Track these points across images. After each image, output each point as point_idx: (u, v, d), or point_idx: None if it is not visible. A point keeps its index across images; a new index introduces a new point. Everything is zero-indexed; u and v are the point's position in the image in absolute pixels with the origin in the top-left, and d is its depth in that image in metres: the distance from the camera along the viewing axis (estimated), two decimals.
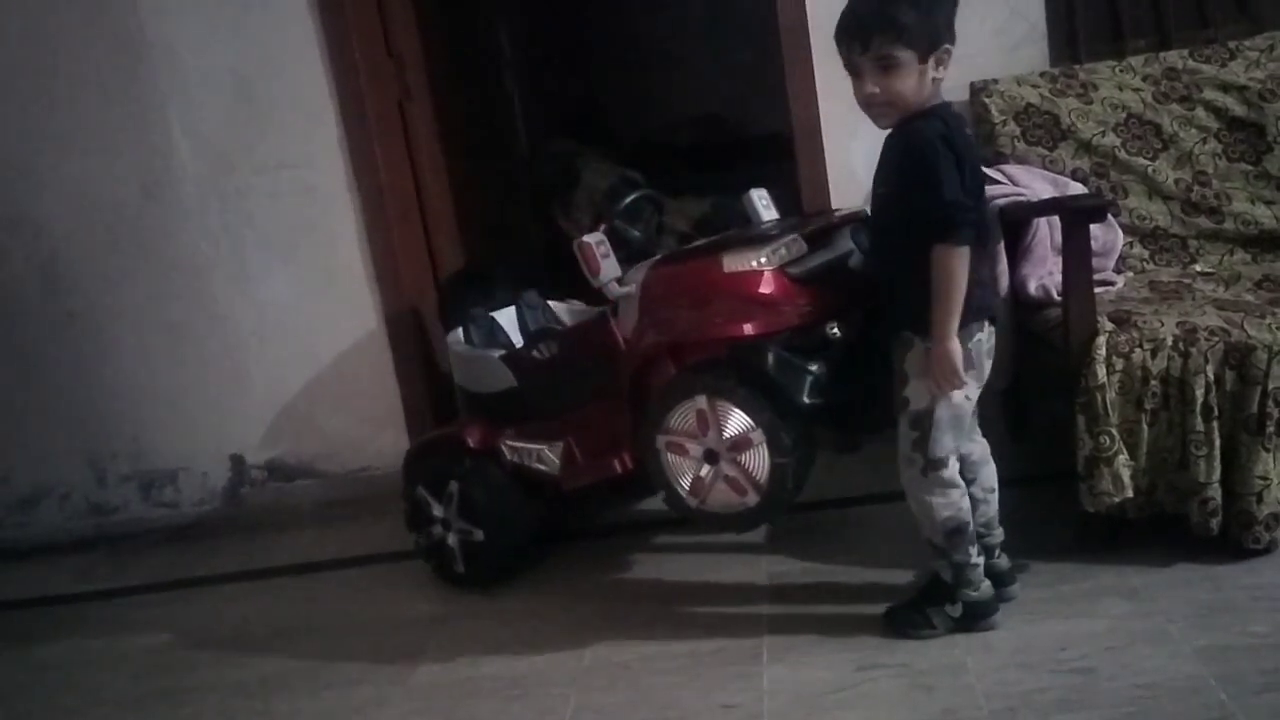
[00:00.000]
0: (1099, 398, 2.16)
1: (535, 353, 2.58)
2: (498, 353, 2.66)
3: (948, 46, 1.93)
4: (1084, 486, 2.19)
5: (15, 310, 3.37)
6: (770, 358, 2.08)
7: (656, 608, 2.44)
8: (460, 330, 2.80)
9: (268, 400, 3.35)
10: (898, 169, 2.00)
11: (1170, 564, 2.21)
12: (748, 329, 2.11)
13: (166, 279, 3.29)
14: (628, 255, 2.48)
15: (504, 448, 2.61)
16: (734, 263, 2.15)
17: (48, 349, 3.38)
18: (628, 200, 2.70)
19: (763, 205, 2.52)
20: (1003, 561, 2.19)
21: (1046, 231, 2.51)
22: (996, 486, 2.18)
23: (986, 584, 2.10)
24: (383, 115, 3.22)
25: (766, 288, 2.12)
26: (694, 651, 2.22)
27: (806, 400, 2.08)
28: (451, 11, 3.69)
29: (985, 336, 2.04)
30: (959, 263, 1.92)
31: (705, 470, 2.20)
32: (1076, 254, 2.24)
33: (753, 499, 2.17)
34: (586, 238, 2.33)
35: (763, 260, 2.13)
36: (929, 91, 1.96)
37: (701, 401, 2.16)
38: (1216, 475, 2.15)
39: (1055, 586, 2.21)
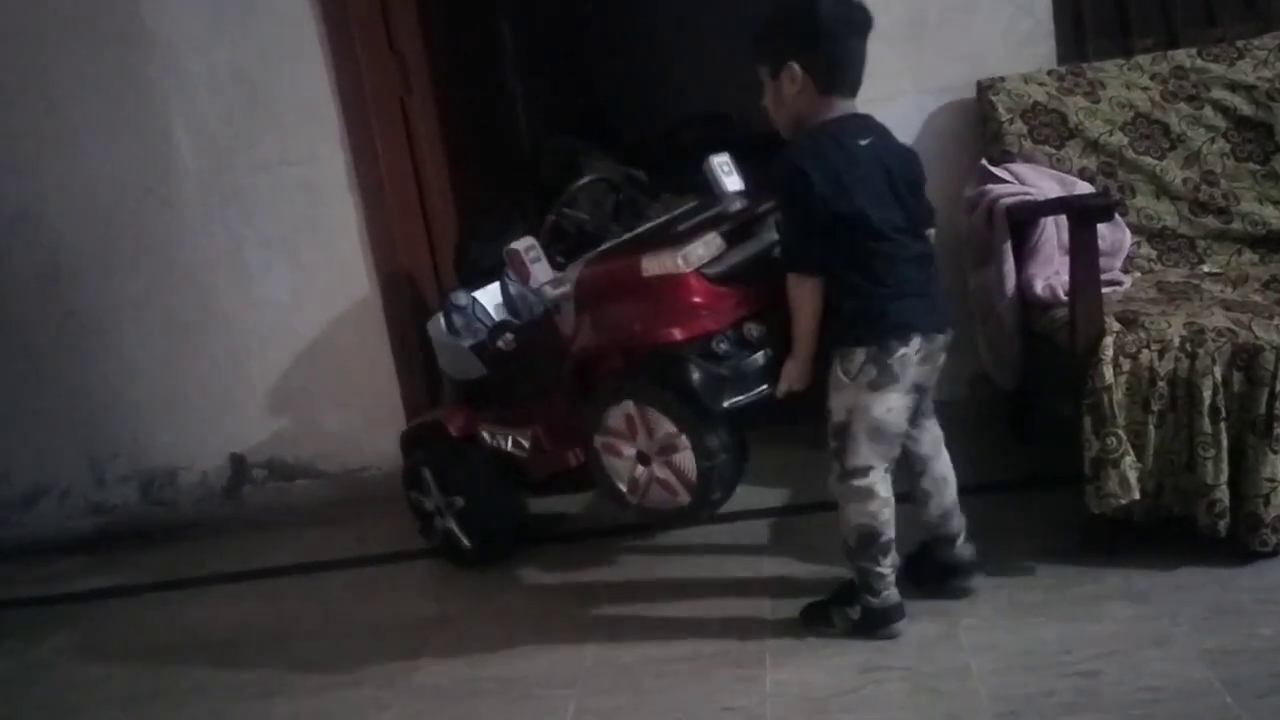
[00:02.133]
0: (1105, 399, 2.14)
1: (500, 344, 2.60)
2: (467, 342, 2.71)
3: (793, 64, 2.00)
4: (1090, 488, 2.17)
5: (14, 308, 3.35)
6: (688, 367, 2.09)
7: (658, 608, 2.42)
8: (440, 316, 2.82)
9: (268, 399, 3.33)
10: None
11: (1177, 567, 2.19)
12: (666, 335, 2.13)
13: (166, 277, 3.27)
14: (580, 241, 2.55)
15: (483, 434, 2.68)
16: (652, 265, 2.17)
17: (47, 347, 3.36)
18: (580, 184, 2.77)
19: (724, 172, 2.52)
20: (965, 551, 2.22)
21: (1053, 231, 2.50)
22: (950, 475, 2.20)
23: (891, 594, 2.12)
24: (384, 111, 3.21)
25: (684, 291, 2.14)
26: (696, 653, 2.21)
27: (725, 406, 2.10)
28: (453, 7, 3.68)
29: (911, 351, 2.02)
30: (798, 292, 2.03)
31: (639, 471, 2.24)
32: (1083, 254, 2.22)
33: (685, 498, 2.21)
34: (514, 244, 2.39)
35: (680, 263, 2.14)
36: (797, 108, 2.04)
37: (629, 407, 2.20)
38: (1224, 477, 2.13)
39: (1061, 589, 2.19)
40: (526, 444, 2.60)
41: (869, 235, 1.98)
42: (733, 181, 2.51)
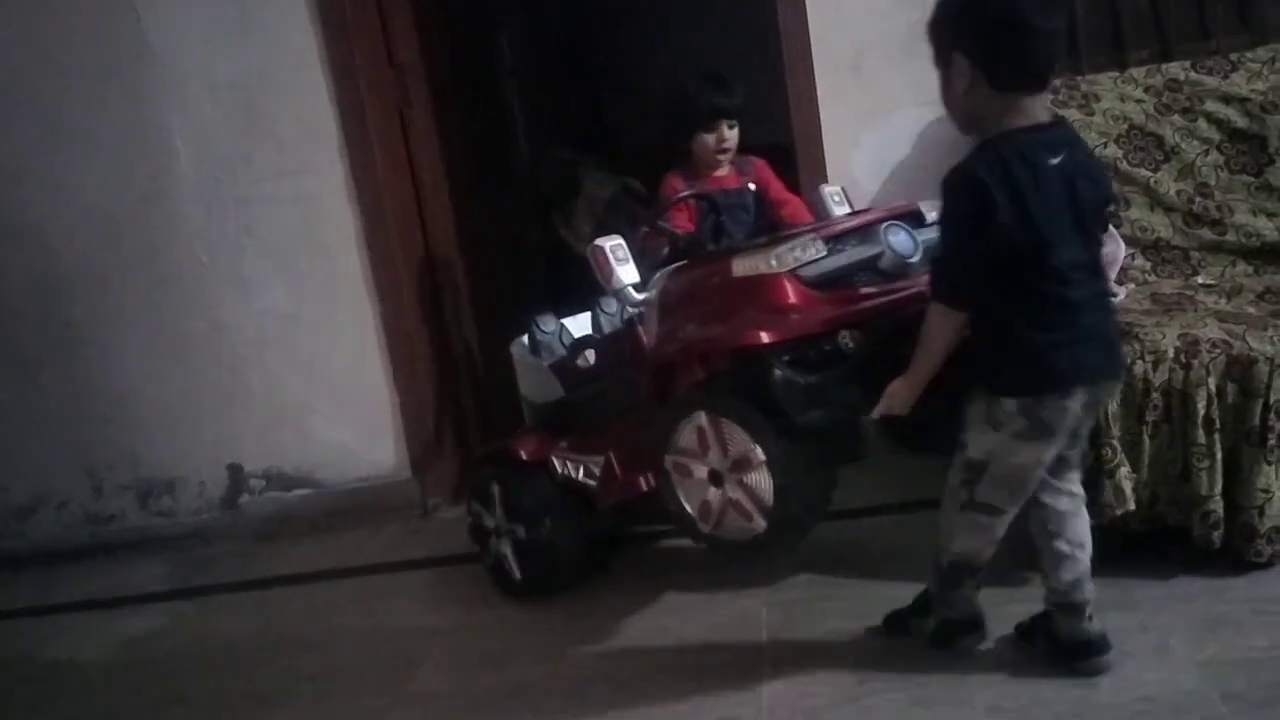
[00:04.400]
0: (1101, 410, 2.15)
1: (578, 361, 2.49)
2: (547, 361, 2.61)
3: (958, 55, 1.73)
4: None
5: (13, 319, 3.37)
6: (772, 372, 1.91)
7: (657, 619, 2.43)
8: (525, 337, 2.72)
9: (266, 409, 3.34)
10: None
11: (1172, 577, 2.20)
12: (753, 338, 1.94)
13: (165, 288, 3.29)
14: (675, 254, 2.40)
15: (555, 460, 2.53)
16: (743, 266, 2.01)
17: (45, 358, 3.38)
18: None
19: (834, 201, 2.44)
20: (1094, 626, 1.96)
21: None
22: (1087, 540, 1.95)
23: (968, 605, 2.04)
24: (383, 124, 3.22)
25: (774, 292, 1.97)
26: (694, 664, 2.21)
27: (808, 419, 1.92)
28: (453, 21, 3.69)
29: (1073, 404, 1.80)
30: (937, 322, 1.81)
31: (711, 493, 2.06)
32: None
33: (759, 524, 2.01)
34: (600, 241, 2.22)
35: (772, 263, 1.97)
36: (970, 108, 1.77)
37: (701, 419, 2.04)
38: (1218, 488, 2.13)
39: None
40: (598, 471, 2.45)
41: (1045, 277, 1.74)
42: (842, 211, 2.41)
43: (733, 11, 4.37)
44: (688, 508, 2.11)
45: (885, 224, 2.08)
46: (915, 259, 2.05)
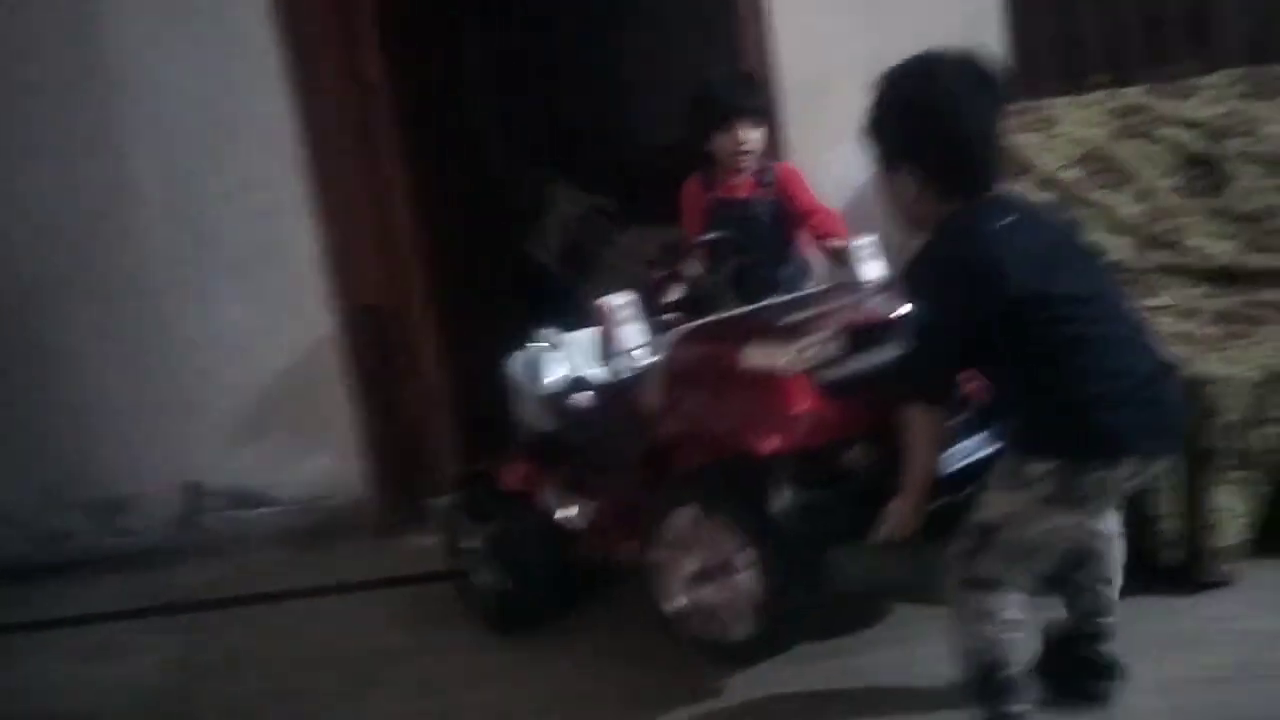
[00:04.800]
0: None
1: (574, 401, 2.35)
2: (543, 390, 2.46)
3: (904, 171, 1.68)
4: None
5: None
6: (773, 486, 1.82)
7: (626, 655, 2.35)
8: (522, 355, 2.57)
9: (225, 426, 3.30)
10: None
11: (1129, 596, 2.19)
12: (756, 444, 1.82)
13: (124, 303, 3.25)
14: (694, 302, 2.32)
15: (544, 494, 2.42)
16: (755, 357, 1.90)
17: (2, 372, 3.32)
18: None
19: (866, 255, 2.26)
20: (1110, 653, 1.89)
21: None
22: (1114, 579, 1.85)
23: None
24: (347, 140, 3.20)
25: (786, 396, 1.85)
26: (656, 682, 2.17)
27: (809, 542, 1.85)
28: (419, 36, 3.68)
29: (1118, 476, 1.61)
30: (916, 424, 1.69)
31: (695, 590, 1.98)
32: None
33: (743, 630, 1.93)
34: (608, 298, 2.10)
35: (786, 361, 1.86)
36: (918, 214, 1.70)
37: (694, 513, 1.95)
38: (1175, 508, 2.15)
39: None
40: (588, 517, 2.32)
41: (1048, 317, 1.59)
42: (873, 269, 2.26)
43: (702, 32, 4.38)
44: (668, 599, 2.03)
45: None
46: None
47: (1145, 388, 1.61)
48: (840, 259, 2.38)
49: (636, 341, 2.10)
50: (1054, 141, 2.79)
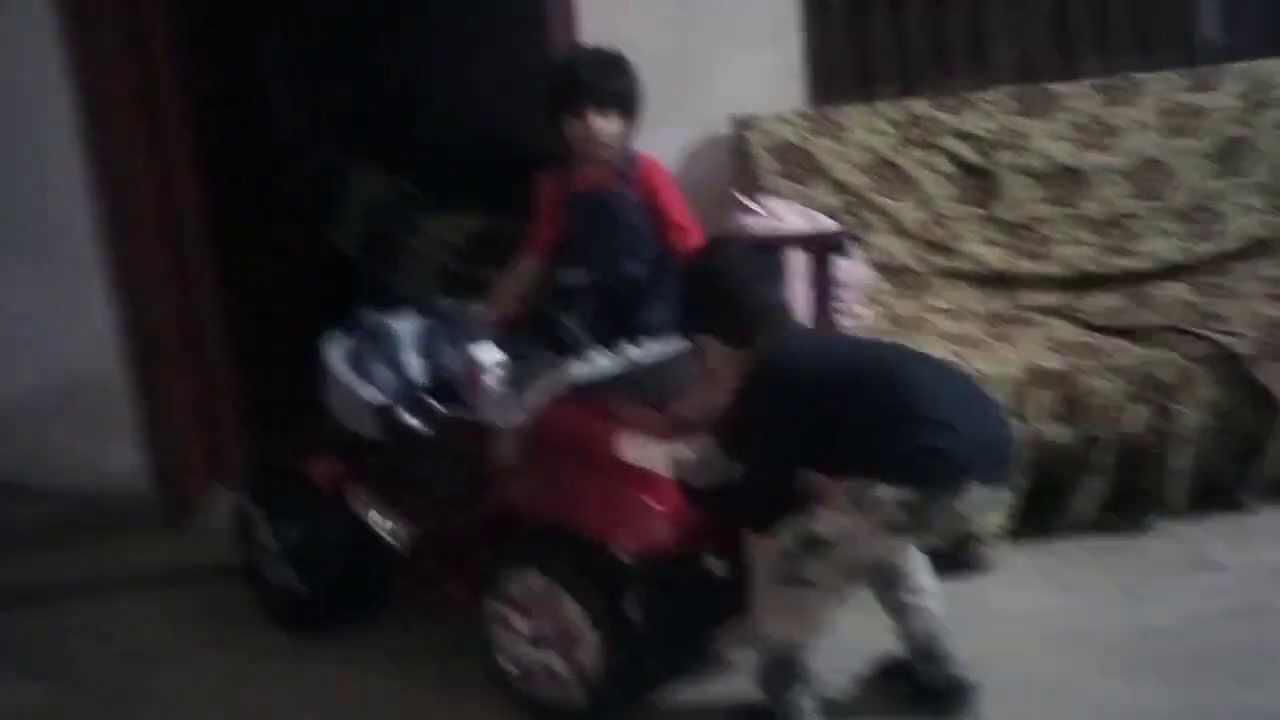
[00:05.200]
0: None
1: (411, 421, 2.21)
2: (373, 398, 2.28)
3: (710, 341, 1.91)
4: None
5: None
6: (629, 585, 1.82)
7: (423, 659, 2.31)
8: (342, 337, 2.41)
9: None
10: None
11: None
12: (621, 540, 1.82)
13: None
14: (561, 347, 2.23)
15: (353, 496, 2.30)
16: (633, 450, 1.89)
17: None
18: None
19: None
20: (959, 670, 1.92)
21: (799, 264, 2.62)
22: (928, 586, 1.91)
23: None
24: (127, 108, 3.00)
25: (658, 498, 1.86)
26: (430, 689, 2.13)
27: (657, 640, 1.85)
28: (210, 7, 3.50)
29: (959, 502, 1.66)
30: (752, 545, 1.80)
31: (531, 654, 1.95)
32: (822, 285, 2.35)
33: (579, 697, 1.90)
34: (478, 355, 2.03)
35: (666, 464, 1.87)
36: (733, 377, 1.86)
37: (535, 579, 1.91)
38: None
39: None
40: (404, 538, 2.22)
41: (870, 372, 1.73)
42: None
43: (507, 24, 4.36)
44: (501, 658, 1.99)
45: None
46: None
47: (981, 416, 1.71)
48: None
49: (500, 409, 2.03)
50: (845, 148, 2.92)
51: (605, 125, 2.36)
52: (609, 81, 2.36)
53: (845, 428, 1.68)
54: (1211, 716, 1.84)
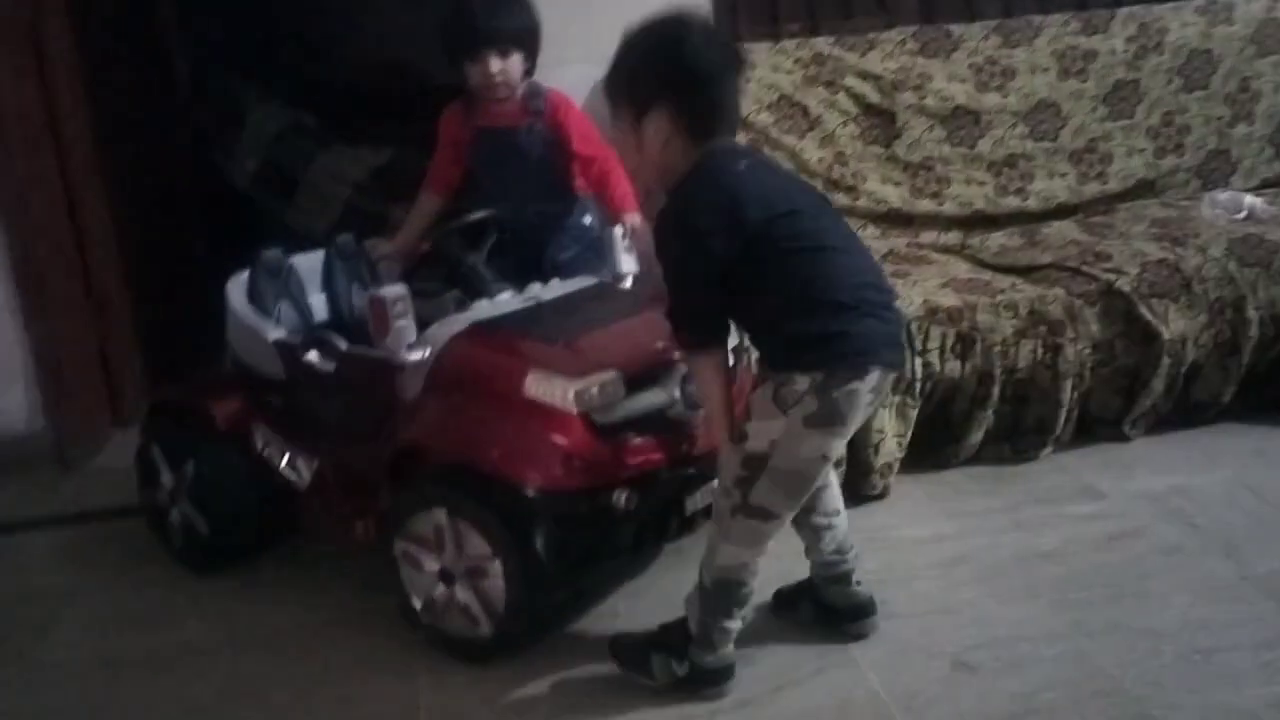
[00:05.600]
0: (745, 358, 2.31)
1: (310, 358, 2.20)
2: (274, 334, 2.27)
3: (660, 111, 1.71)
4: None
5: None
6: (535, 522, 1.83)
7: (325, 593, 2.30)
8: (245, 275, 2.37)
9: None
10: None
11: None
12: (525, 476, 1.84)
13: None
14: (458, 277, 2.22)
15: (256, 434, 2.29)
16: (538, 387, 1.88)
17: None
18: (466, 220, 2.30)
19: (623, 247, 2.26)
20: (863, 590, 2.00)
21: None
22: (841, 508, 1.98)
23: (728, 652, 1.87)
24: (9, 39, 2.88)
25: (563, 434, 1.85)
26: (357, 649, 2.09)
27: (571, 579, 1.90)
28: None
29: (864, 387, 1.68)
30: (703, 373, 1.78)
31: (439, 590, 1.95)
32: None
33: (486, 629, 1.93)
34: (383, 291, 1.98)
35: (570, 398, 1.86)
36: (666, 160, 1.75)
37: (441, 516, 1.91)
38: None
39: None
40: (307, 476, 2.22)
41: (804, 246, 1.69)
42: (628, 262, 2.26)
43: None
44: (411, 596, 2.00)
45: (683, 367, 1.95)
46: (700, 411, 1.94)
47: (881, 300, 1.72)
48: (615, 235, 2.29)
49: (408, 340, 2.00)
50: (750, 85, 2.92)
51: (505, 66, 2.34)
52: (505, 22, 2.32)
53: (764, 284, 1.68)
54: (1083, 631, 1.95)
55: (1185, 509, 2.31)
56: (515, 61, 2.35)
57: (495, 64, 2.32)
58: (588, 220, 2.51)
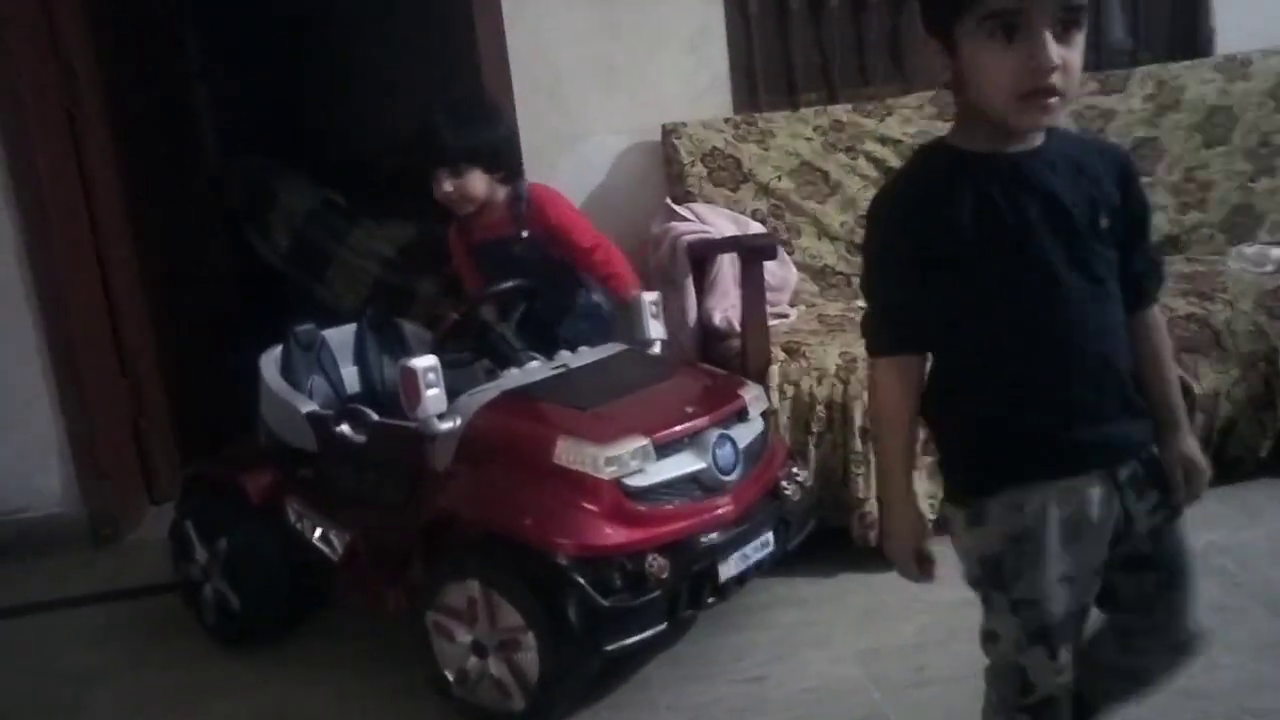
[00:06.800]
0: (773, 422, 2.31)
1: (345, 429, 2.19)
2: (306, 407, 2.29)
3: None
4: None
5: None
6: (568, 589, 1.82)
7: (356, 670, 2.30)
8: (278, 350, 2.41)
9: None
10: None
11: (834, 574, 2.39)
12: (556, 544, 1.84)
13: None
14: (486, 346, 2.24)
15: (289, 507, 2.29)
16: (569, 454, 1.88)
17: None
18: (496, 289, 2.30)
19: (651, 314, 2.24)
20: None
21: (729, 267, 2.67)
22: None
23: None
24: (48, 122, 2.96)
25: (594, 499, 1.86)
26: (371, 692, 2.13)
27: (605, 649, 1.86)
28: (130, 15, 3.45)
29: (1080, 506, 1.27)
30: (876, 377, 1.37)
31: (471, 662, 1.95)
32: (753, 288, 2.40)
33: (519, 703, 1.92)
34: (414, 362, 1.97)
35: (601, 465, 1.86)
36: None
37: (474, 588, 1.91)
38: (873, 491, 2.35)
39: (736, 599, 2.27)
40: (339, 548, 2.21)
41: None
42: (656, 328, 2.25)
43: (435, 32, 4.35)
44: (443, 668, 1.99)
45: (715, 433, 1.97)
46: (732, 477, 1.97)
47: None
48: (628, 311, 2.28)
49: (438, 409, 1.98)
50: (771, 154, 2.96)
51: (462, 184, 2.34)
52: (464, 139, 2.32)
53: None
54: None
55: (1227, 566, 2.27)
56: (473, 178, 2.34)
57: (447, 183, 2.34)
58: (596, 299, 2.52)
